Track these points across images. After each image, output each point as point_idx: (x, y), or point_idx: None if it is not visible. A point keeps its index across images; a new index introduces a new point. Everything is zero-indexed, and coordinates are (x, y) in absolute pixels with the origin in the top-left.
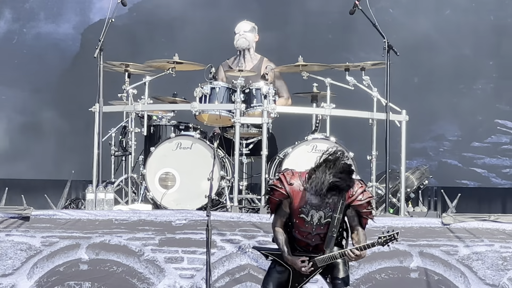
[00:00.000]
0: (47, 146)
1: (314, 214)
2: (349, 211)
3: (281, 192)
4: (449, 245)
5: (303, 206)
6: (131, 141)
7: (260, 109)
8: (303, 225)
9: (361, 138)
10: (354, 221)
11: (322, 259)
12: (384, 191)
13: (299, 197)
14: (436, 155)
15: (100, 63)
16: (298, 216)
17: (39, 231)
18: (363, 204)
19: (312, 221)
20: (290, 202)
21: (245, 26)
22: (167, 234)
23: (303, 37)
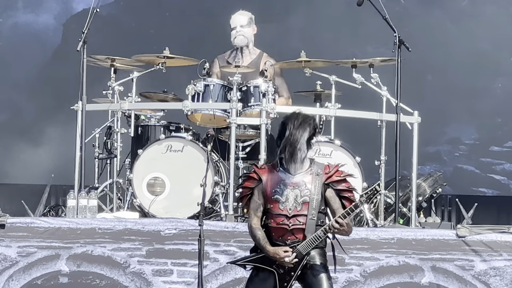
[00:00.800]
0: (24, 147)
1: (289, 193)
2: (328, 191)
3: (252, 177)
4: (464, 260)
5: (277, 186)
6: (116, 142)
7: (258, 108)
8: (278, 209)
9: (369, 141)
10: (335, 203)
11: (306, 244)
12: (394, 200)
13: (271, 178)
14: (451, 160)
15: (83, 57)
16: (272, 199)
17: (15, 241)
18: (341, 180)
19: (287, 202)
20: (263, 189)
21: (241, 19)
22: (155, 244)
23: (305, 30)
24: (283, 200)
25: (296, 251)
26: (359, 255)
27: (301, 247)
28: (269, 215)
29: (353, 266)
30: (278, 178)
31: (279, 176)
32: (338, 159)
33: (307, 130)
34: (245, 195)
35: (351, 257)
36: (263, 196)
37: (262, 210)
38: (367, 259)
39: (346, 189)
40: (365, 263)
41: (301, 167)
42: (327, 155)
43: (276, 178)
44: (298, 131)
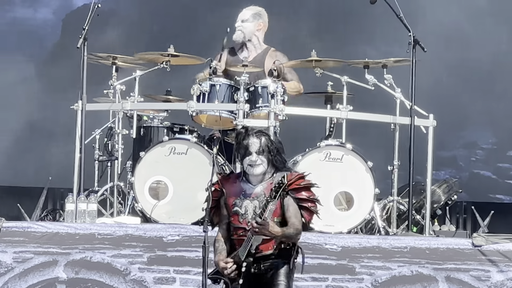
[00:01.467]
0: (21, 148)
1: (248, 205)
2: (286, 200)
3: (216, 188)
4: (480, 270)
5: (237, 197)
6: (117, 144)
7: (267, 110)
8: (238, 221)
9: (382, 145)
10: (288, 210)
11: (241, 249)
12: (407, 207)
13: (233, 190)
14: (467, 165)
15: (83, 54)
16: (232, 211)
17: (11, 246)
18: (300, 188)
19: (246, 214)
20: (225, 201)
21: (244, 14)
22: (157, 251)
23: (316, 28)
24: (242, 212)
25: (235, 258)
26: (370, 264)
27: (240, 253)
28: (232, 228)
29: (364, 276)
30: (240, 189)
31: (241, 187)
32: (350, 163)
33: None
34: (212, 207)
35: (362, 266)
36: (225, 207)
37: (227, 223)
38: (378, 268)
39: (306, 199)
40: (376, 273)
41: (263, 177)
42: (337, 160)
43: (238, 189)
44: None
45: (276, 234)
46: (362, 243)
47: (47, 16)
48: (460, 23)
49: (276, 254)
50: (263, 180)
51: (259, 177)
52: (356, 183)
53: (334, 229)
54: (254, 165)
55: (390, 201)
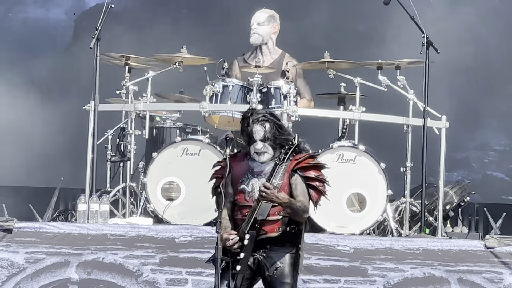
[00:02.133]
0: (33, 148)
1: (255, 183)
2: (293, 178)
3: (223, 167)
4: (492, 272)
5: (244, 175)
6: (130, 145)
7: (279, 111)
8: (244, 199)
9: (394, 146)
10: (296, 189)
11: (245, 223)
12: (420, 208)
13: (240, 167)
14: (480, 167)
15: (96, 54)
16: (238, 190)
17: (23, 246)
18: (309, 167)
19: (253, 192)
20: (232, 179)
21: (259, 17)
22: (169, 252)
23: (328, 29)
24: (249, 190)
25: (239, 232)
26: (383, 266)
27: (243, 226)
28: (236, 207)
29: (376, 278)
30: (247, 166)
31: (248, 165)
32: (362, 165)
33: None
34: (217, 185)
35: (374, 267)
36: (231, 185)
37: (232, 201)
38: (391, 270)
39: (314, 178)
40: (389, 275)
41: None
42: (350, 161)
43: (245, 166)
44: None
45: (283, 200)
46: (375, 245)
47: (59, 16)
48: (473, 24)
49: (281, 238)
50: (272, 158)
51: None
52: (369, 185)
53: (346, 230)
54: (259, 153)
55: (402, 203)
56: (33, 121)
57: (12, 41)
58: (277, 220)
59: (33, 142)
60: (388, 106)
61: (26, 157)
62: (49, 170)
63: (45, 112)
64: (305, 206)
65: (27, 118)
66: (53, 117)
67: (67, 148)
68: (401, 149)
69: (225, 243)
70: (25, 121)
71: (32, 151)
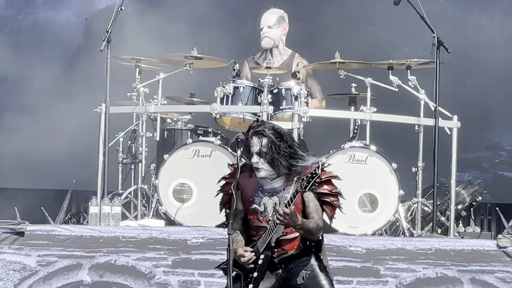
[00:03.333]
0: (45, 151)
1: (267, 201)
2: (306, 195)
3: (229, 183)
4: (505, 272)
5: (255, 194)
6: (141, 147)
7: (290, 112)
8: (257, 220)
9: (406, 147)
10: (308, 207)
11: (261, 241)
12: (432, 208)
13: (249, 184)
14: (491, 167)
15: (107, 57)
16: (250, 210)
17: (35, 249)
18: (322, 182)
19: (266, 211)
20: (241, 196)
21: (269, 19)
22: (181, 254)
23: (339, 30)
24: (261, 210)
25: (254, 249)
26: (395, 266)
27: (258, 245)
28: (251, 226)
29: (388, 278)
30: (257, 183)
31: (257, 182)
32: (374, 165)
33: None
34: (226, 202)
35: (387, 268)
36: (242, 203)
37: (243, 217)
38: (403, 271)
39: (327, 193)
40: (401, 275)
41: (279, 172)
42: (362, 161)
43: (254, 183)
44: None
45: (297, 223)
46: (387, 245)
47: (69, 18)
48: (483, 24)
49: (302, 253)
50: (280, 174)
51: (273, 174)
52: (381, 185)
53: (358, 231)
54: (255, 168)
55: (414, 203)
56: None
57: (22, 44)
58: (296, 237)
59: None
60: (399, 106)
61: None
62: (61, 173)
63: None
64: (318, 225)
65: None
66: (65, 119)
67: (78, 151)
68: (412, 149)
69: (239, 258)
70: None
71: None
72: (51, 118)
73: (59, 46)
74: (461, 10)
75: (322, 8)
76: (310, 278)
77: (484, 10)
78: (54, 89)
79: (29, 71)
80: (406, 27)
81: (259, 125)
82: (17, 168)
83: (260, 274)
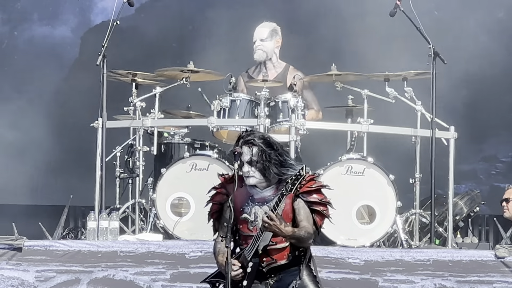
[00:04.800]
0: (42, 166)
1: (257, 211)
2: (296, 202)
3: (220, 193)
4: (503, 282)
5: (245, 203)
6: (138, 161)
7: (287, 124)
8: (247, 230)
9: (403, 158)
10: (299, 214)
11: (248, 248)
12: (429, 219)
13: (239, 193)
14: (488, 178)
15: (103, 71)
16: (240, 220)
17: (33, 264)
18: (312, 191)
19: (256, 221)
20: (232, 206)
21: (261, 33)
22: (180, 268)
23: (334, 42)
24: (252, 219)
25: (241, 260)
26: (393, 277)
27: (245, 253)
28: (241, 236)
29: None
30: (246, 193)
31: (247, 191)
32: (371, 177)
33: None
34: (214, 211)
35: (385, 280)
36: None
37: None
38: (401, 282)
39: (317, 202)
40: (399, 286)
41: (269, 181)
42: (359, 173)
43: (244, 193)
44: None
45: (286, 233)
46: (385, 257)
47: (65, 33)
48: (479, 35)
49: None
50: (270, 184)
51: (264, 183)
52: (378, 197)
53: (356, 243)
54: (246, 176)
55: (412, 214)
56: (41, 139)
57: (19, 59)
58: (286, 247)
59: (42, 160)
60: (396, 118)
61: (35, 175)
62: (58, 188)
63: (53, 130)
64: (309, 233)
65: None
66: (61, 135)
67: (75, 166)
68: (409, 160)
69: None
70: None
71: (41, 169)
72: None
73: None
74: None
75: (317, 21)
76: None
77: (480, 22)
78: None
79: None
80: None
81: (249, 134)
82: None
83: (250, 282)
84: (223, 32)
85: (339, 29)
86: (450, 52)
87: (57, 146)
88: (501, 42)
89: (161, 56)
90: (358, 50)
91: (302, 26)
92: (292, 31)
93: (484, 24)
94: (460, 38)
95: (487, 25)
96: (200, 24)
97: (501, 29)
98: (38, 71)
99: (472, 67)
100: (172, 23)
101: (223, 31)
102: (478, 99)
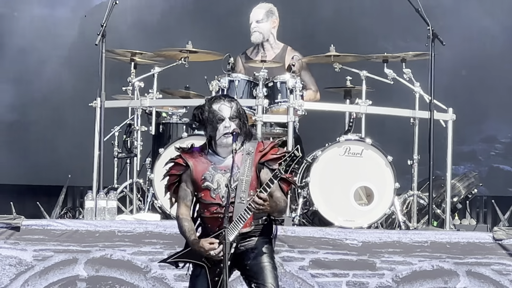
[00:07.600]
0: (40, 146)
1: (220, 178)
2: (263, 172)
3: (179, 163)
4: (501, 264)
5: (206, 171)
6: (136, 141)
7: (286, 105)
8: (210, 197)
9: (401, 140)
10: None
11: (231, 230)
12: (427, 201)
13: (200, 163)
14: (487, 159)
15: (102, 51)
16: (202, 187)
17: (31, 244)
18: (277, 158)
19: (219, 188)
20: (191, 176)
21: (257, 14)
22: (177, 248)
23: (333, 23)
24: (215, 187)
25: (221, 239)
26: (391, 259)
27: (227, 233)
28: (201, 204)
29: (384, 271)
30: (207, 162)
31: (208, 160)
32: (369, 158)
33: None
34: (171, 183)
35: (383, 261)
36: (191, 183)
37: (192, 199)
38: (399, 264)
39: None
40: (397, 268)
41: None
42: (357, 154)
43: (205, 162)
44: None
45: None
46: (383, 238)
47: (65, 14)
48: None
49: (254, 231)
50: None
51: (229, 148)
52: (376, 178)
53: (354, 224)
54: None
55: (410, 196)
56: (40, 119)
57: (19, 41)
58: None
59: (40, 140)
60: (394, 99)
61: (33, 155)
62: (56, 168)
63: (52, 109)
64: (286, 202)
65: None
66: (60, 114)
67: (74, 146)
68: (408, 142)
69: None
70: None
71: (39, 149)
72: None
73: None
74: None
75: (316, 2)
76: (254, 258)
77: (482, 2)
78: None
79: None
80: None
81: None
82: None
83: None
84: (223, 13)
85: (338, 10)
86: (449, 32)
87: (56, 126)
88: (501, 22)
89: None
90: (356, 31)
91: (300, 7)
92: (290, 12)
93: (486, 4)
94: (460, 19)
95: (487, 5)
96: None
97: (502, 9)
98: (36, 51)
99: (472, 48)
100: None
101: (222, 11)
102: (478, 80)
